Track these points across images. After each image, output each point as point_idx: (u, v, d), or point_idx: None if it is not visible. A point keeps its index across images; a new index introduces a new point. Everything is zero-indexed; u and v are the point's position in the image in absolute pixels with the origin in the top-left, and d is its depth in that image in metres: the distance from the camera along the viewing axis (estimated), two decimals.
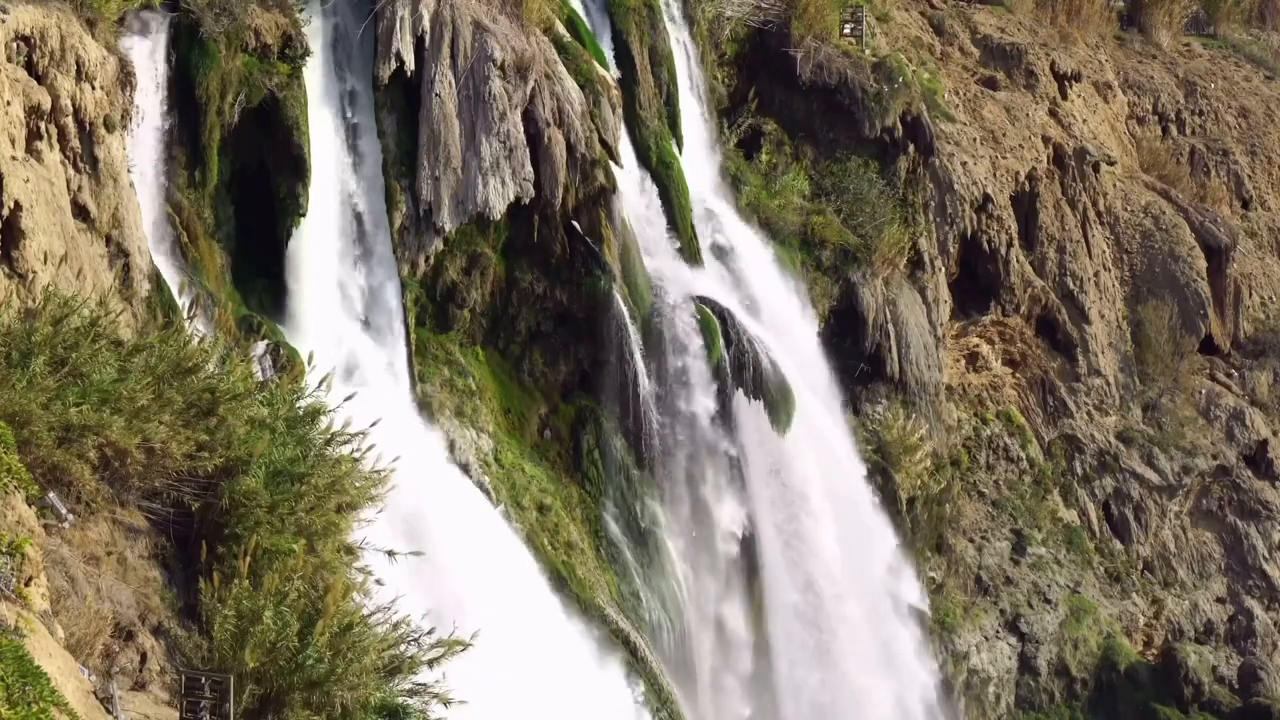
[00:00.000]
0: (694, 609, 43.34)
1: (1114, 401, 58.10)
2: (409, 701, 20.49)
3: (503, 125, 40.01)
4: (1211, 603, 57.47)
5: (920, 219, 52.07)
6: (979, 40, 61.53)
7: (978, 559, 53.52)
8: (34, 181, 29.11)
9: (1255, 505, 58.92)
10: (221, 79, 35.99)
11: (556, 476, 42.04)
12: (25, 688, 14.61)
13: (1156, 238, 61.02)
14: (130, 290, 31.89)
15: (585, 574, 40.60)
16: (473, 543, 36.83)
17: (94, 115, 31.71)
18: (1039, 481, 56.08)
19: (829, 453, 46.35)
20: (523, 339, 42.33)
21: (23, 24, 30.07)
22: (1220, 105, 68.79)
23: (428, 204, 39.53)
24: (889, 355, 50.06)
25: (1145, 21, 69.45)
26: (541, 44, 41.69)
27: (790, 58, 50.79)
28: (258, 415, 22.23)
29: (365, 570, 22.75)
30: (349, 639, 19.61)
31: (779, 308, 47.36)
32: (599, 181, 41.71)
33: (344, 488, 22.31)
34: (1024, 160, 56.99)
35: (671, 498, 43.37)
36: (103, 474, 20.66)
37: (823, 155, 51.46)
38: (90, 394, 20.38)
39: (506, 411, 41.92)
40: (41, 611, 17.04)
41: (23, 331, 20.94)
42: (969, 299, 55.34)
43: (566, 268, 42.01)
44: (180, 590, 21.02)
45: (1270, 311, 64.11)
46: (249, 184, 37.35)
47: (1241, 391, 61.15)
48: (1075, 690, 53.66)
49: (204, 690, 18.37)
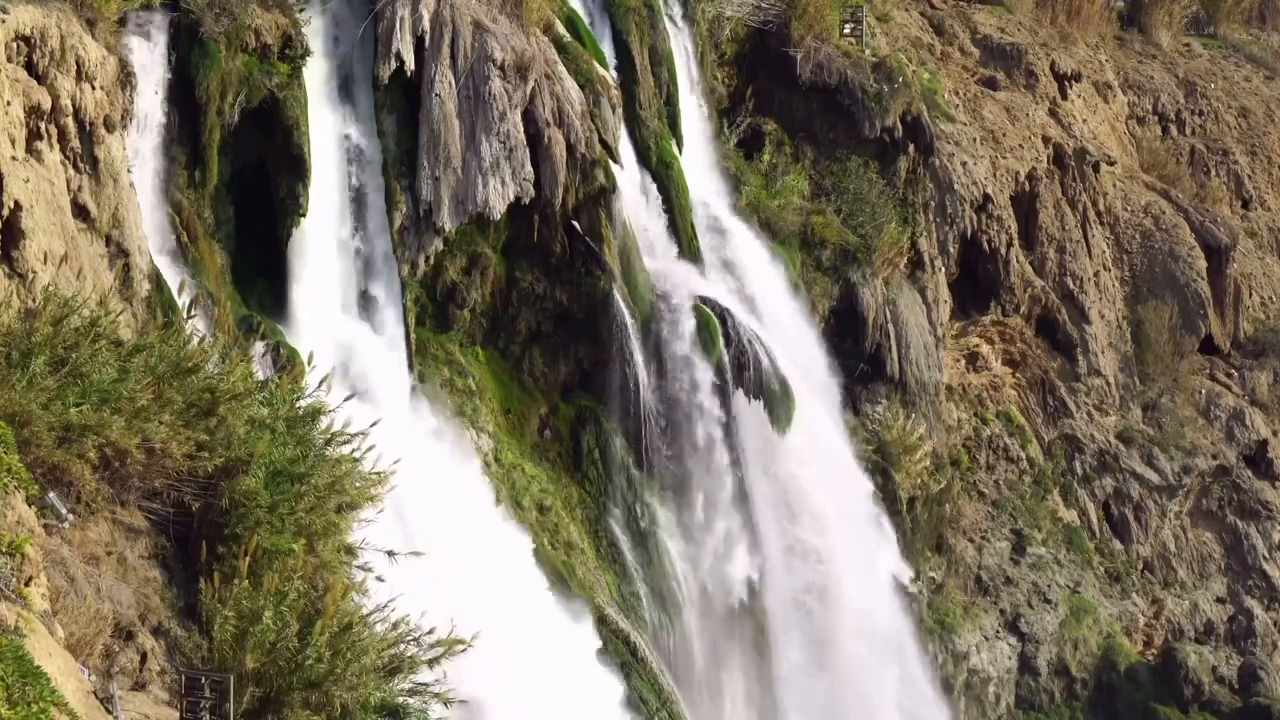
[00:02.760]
0: (694, 608, 43.35)
1: (1114, 401, 58.11)
2: (409, 701, 20.48)
3: (503, 125, 40.02)
4: (1211, 603, 57.47)
5: (920, 219, 52.07)
6: (979, 40, 61.53)
7: (978, 559, 53.52)
8: (34, 181, 29.11)
9: (1255, 505, 58.93)
10: (221, 79, 35.99)
11: (556, 476, 42.05)
12: (25, 688, 14.61)
13: (1156, 238, 61.04)
14: (130, 290, 31.89)
15: (585, 574, 40.62)
16: (473, 543, 36.82)
17: (94, 115, 31.71)
18: (1039, 481, 56.09)
19: (829, 453, 46.35)
20: (523, 339, 42.34)
21: (23, 24, 30.07)
22: (1220, 105, 68.80)
23: (428, 204, 39.54)
24: (889, 355, 50.07)
25: (1145, 21, 69.45)
26: (541, 44, 41.70)
27: (790, 58, 50.79)
28: (258, 415, 22.21)
29: (366, 568, 22.74)
30: (349, 639, 19.60)
31: (779, 308, 47.36)
32: (599, 181, 41.72)
33: (344, 488, 22.30)
34: (1024, 160, 57.00)
35: (672, 498, 43.38)
36: (103, 474, 20.64)
37: (823, 155, 51.45)
38: (90, 394, 20.37)
39: (506, 411, 41.94)
40: (41, 611, 17.04)
41: (23, 331, 20.92)
42: (969, 299, 55.35)
43: (566, 268, 42.02)
44: (180, 590, 21.01)
45: (1270, 311, 64.12)
46: (249, 184, 37.36)
47: (1241, 391, 61.16)
48: (1075, 690, 53.67)
49: (204, 690, 18.36)
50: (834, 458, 46.64)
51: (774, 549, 44.77)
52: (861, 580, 46.37)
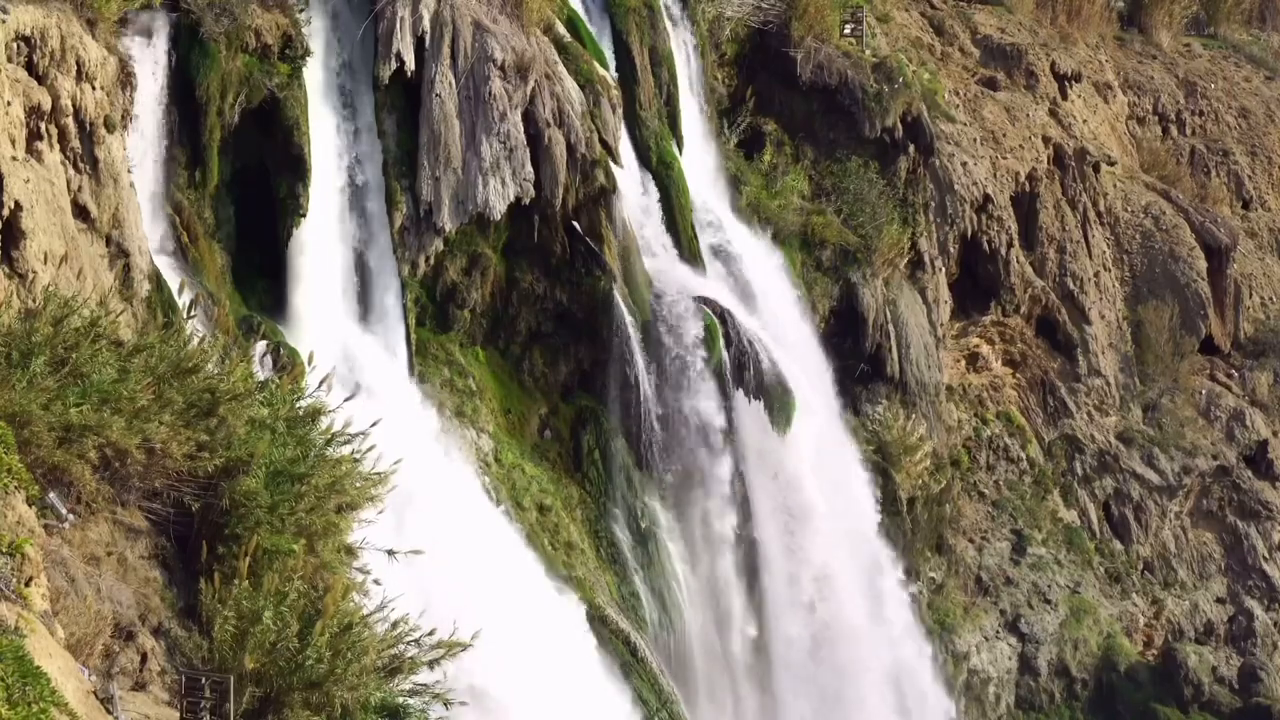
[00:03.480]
0: (694, 609, 43.35)
1: (1114, 402, 58.10)
2: (409, 701, 20.49)
3: (503, 125, 40.02)
4: (1211, 603, 57.48)
5: (920, 219, 52.07)
6: (979, 40, 61.53)
7: (978, 559, 53.52)
8: (34, 182, 29.11)
9: (1255, 505, 58.93)
10: (222, 79, 35.99)
11: (557, 477, 42.05)
12: (25, 688, 14.62)
13: (1156, 238, 61.03)
14: (130, 290, 31.88)
15: (585, 574, 40.61)
16: (473, 542, 36.82)
17: (94, 115, 31.70)
18: (1039, 482, 56.08)
19: (828, 453, 46.33)
20: (523, 339, 42.34)
21: (23, 24, 30.07)
22: (1220, 105, 68.80)
23: (428, 204, 39.54)
24: (889, 355, 50.06)
25: (1145, 22, 69.44)
26: (541, 44, 41.69)
27: (790, 58, 50.79)
28: (258, 415, 22.22)
29: (364, 569, 22.75)
30: (349, 639, 19.62)
31: (779, 308, 47.35)
32: (599, 182, 41.72)
33: (344, 488, 22.31)
34: (1024, 160, 56.99)
35: (672, 498, 43.37)
36: (103, 474, 20.65)
37: (823, 155, 51.45)
38: (90, 394, 20.38)
39: (507, 412, 41.93)
40: (41, 611, 17.04)
41: (23, 332, 20.93)
42: (969, 299, 55.35)
43: (567, 268, 42.01)
44: (180, 590, 21.01)
45: (1270, 311, 64.12)
46: (249, 184, 37.35)
47: (1241, 392, 61.16)
48: (1075, 690, 53.67)
49: (204, 690, 18.38)
50: (833, 458, 46.61)
51: (774, 549, 44.77)
52: (862, 580, 46.37)
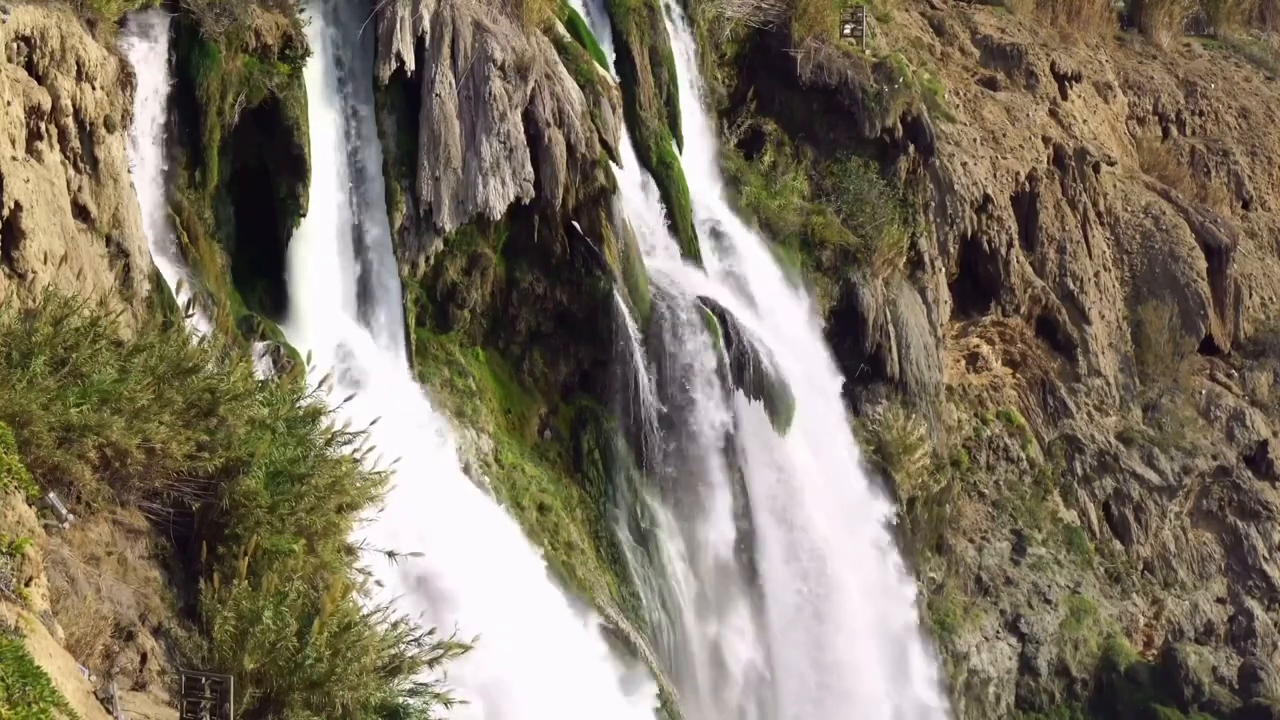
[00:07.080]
0: (693, 609, 43.35)
1: (1114, 402, 58.11)
2: (409, 701, 20.47)
3: (503, 125, 40.02)
4: (1211, 603, 57.48)
5: (920, 219, 52.07)
6: (979, 40, 61.54)
7: (978, 559, 53.52)
8: (34, 182, 29.11)
9: (1255, 505, 58.94)
10: (222, 79, 35.99)
11: (557, 477, 42.05)
12: (25, 688, 14.61)
13: (1156, 238, 61.04)
14: (130, 290, 31.87)
15: (585, 574, 40.61)
16: (473, 542, 36.81)
17: (94, 115, 31.69)
18: (1039, 482, 56.09)
19: (829, 453, 46.34)
20: (523, 339, 42.34)
21: (23, 24, 30.07)
22: (1220, 106, 68.79)
23: (428, 204, 39.54)
24: (889, 355, 50.07)
25: (1145, 22, 69.45)
26: (541, 44, 41.69)
27: (790, 58, 50.79)
28: (258, 415, 22.21)
29: (365, 571, 22.75)
30: (348, 639, 19.61)
31: (779, 308, 47.36)
32: (599, 182, 41.72)
33: (344, 488, 22.30)
34: (1024, 160, 57.00)
35: (672, 498, 43.37)
36: (103, 474, 20.64)
37: (823, 155, 51.47)
38: (90, 394, 20.37)
39: (507, 412, 41.94)
40: (41, 611, 17.04)
41: (23, 332, 20.93)
42: (969, 299, 55.37)
43: (567, 268, 42.01)
44: (180, 590, 21.01)
45: (1270, 311, 64.12)
46: (249, 184, 37.36)
47: (1241, 392, 61.16)
48: (1075, 690, 53.67)
49: (204, 690, 18.37)
50: (834, 458, 46.62)
51: (774, 548, 44.77)
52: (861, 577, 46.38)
